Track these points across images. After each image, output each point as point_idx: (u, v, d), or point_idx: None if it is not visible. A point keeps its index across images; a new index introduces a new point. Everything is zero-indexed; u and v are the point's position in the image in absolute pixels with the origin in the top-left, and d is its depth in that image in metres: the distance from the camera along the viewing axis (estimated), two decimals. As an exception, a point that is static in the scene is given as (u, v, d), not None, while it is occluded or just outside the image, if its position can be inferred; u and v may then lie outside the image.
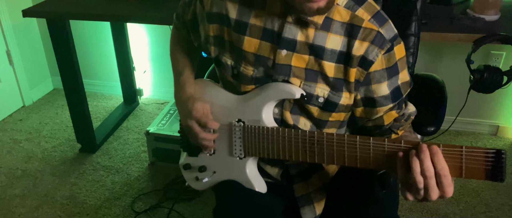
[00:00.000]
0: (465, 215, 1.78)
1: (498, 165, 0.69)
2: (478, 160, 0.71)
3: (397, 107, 0.93)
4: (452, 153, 0.72)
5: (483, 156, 0.70)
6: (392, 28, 0.87)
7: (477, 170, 0.71)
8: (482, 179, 0.71)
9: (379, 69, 0.87)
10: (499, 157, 0.69)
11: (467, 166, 0.72)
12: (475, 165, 0.71)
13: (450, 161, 0.72)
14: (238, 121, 0.97)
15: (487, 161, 0.70)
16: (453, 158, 0.72)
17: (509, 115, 2.30)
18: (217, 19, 0.92)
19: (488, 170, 0.70)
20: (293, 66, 0.88)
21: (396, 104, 0.92)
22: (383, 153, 0.79)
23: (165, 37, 2.44)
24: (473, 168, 0.71)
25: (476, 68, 1.54)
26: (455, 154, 0.72)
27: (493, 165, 0.70)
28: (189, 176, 1.11)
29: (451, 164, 0.72)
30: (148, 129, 1.99)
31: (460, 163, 0.72)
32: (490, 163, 0.70)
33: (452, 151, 0.72)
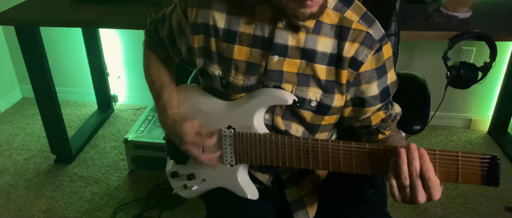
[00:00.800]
0: (445, 207, 1.83)
1: (493, 170, 0.71)
2: (474, 165, 0.72)
3: (385, 108, 0.94)
4: (448, 158, 0.73)
5: (478, 161, 0.71)
6: (380, 28, 0.87)
7: (473, 175, 0.72)
8: (477, 184, 0.72)
9: (369, 70, 0.88)
10: (494, 162, 0.71)
11: (463, 171, 0.72)
12: (471, 170, 0.72)
13: (446, 166, 0.73)
14: (228, 127, 0.95)
15: (483, 166, 0.71)
16: (449, 163, 0.73)
17: (481, 108, 2.38)
18: (203, 30, 0.90)
19: (484, 175, 0.71)
20: (285, 71, 0.88)
21: (384, 105, 0.93)
22: (378, 157, 0.79)
23: (139, 41, 2.38)
24: (469, 173, 0.72)
25: (452, 65, 1.58)
26: (451, 159, 0.73)
27: (488, 170, 0.71)
28: (177, 184, 1.08)
29: (447, 169, 0.73)
30: (126, 137, 1.94)
31: (456, 168, 0.73)
32: (486, 168, 0.71)
33: (448, 156, 0.73)
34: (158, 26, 1.01)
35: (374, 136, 0.98)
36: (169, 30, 0.98)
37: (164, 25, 0.99)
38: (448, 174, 0.73)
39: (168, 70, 1.05)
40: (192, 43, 0.93)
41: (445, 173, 0.73)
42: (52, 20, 1.81)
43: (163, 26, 0.99)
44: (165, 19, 0.99)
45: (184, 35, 0.94)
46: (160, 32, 1.01)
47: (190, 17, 0.91)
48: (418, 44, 2.21)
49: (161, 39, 1.01)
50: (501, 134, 2.32)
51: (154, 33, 1.03)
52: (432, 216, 1.79)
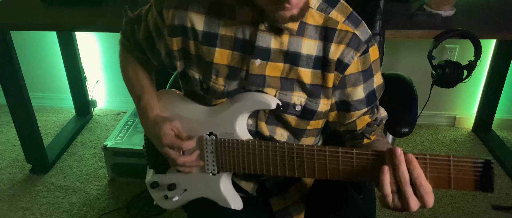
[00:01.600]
0: (432, 207, 1.81)
1: (487, 175, 0.67)
2: (466, 171, 0.68)
3: (370, 112, 0.90)
4: (439, 163, 0.69)
5: (471, 166, 0.68)
6: (367, 30, 0.84)
7: (466, 180, 0.68)
8: (471, 190, 0.68)
9: (355, 73, 0.84)
10: (487, 167, 0.67)
11: (456, 177, 0.69)
12: (464, 176, 0.68)
13: (438, 171, 0.69)
14: (209, 134, 0.90)
15: (476, 171, 0.68)
16: (441, 169, 0.69)
17: (465, 106, 2.38)
18: (180, 32, 0.85)
19: (477, 180, 0.68)
20: (267, 76, 0.83)
21: (369, 109, 0.89)
22: (366, 163, 0.75)
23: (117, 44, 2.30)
24: (461, 179, 0.69)
25: (437, 64, 1.56)
26: (443, 164, 0.69)
27: (482, 175, 0.67)
28: (157, 195, 1.03)
29: (439, 175, 0.69)
30: (105, 143, 1.86)
31: (448, 174, 0.69)
32: (479, 173, 0.67)
33: (439, 161, 0.69)
34: (134, 26, 0.95)
35: (359, 141, 0.94)
36: (146, 32, 0.93)
37: (140, 26, 0.93)
38: (439, 180, 0.69)
39: (147, 73, 1.00)
40: (171, 46, 0.87)
41: (436, 179, 0.69)
42: (24, 24, 1.72)
43: (140, 27, 0.94)
44: (141, 19, 0.93)
45: (162, 37, 0.89)
46: (136, 33, 0.95)
47: (166, 19, 0.85)
48: (401, 43, 2.19)
49: (138, 41, 0.96)
50: (486, 131, 2.33)
51: (130, 34, 0.97)
52: (419, 217, 1.77)
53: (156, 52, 0.93)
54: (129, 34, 0.98)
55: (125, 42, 1.01)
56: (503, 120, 2.36)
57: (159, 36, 0.90)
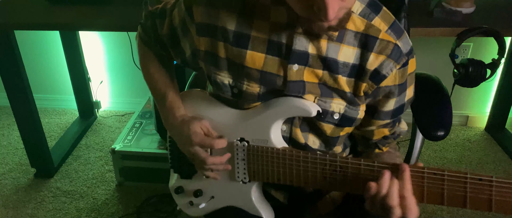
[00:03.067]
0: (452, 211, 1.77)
1: None
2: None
3: (391, 125, 0.86)
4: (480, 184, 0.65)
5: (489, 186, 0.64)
6: (408, 41, 0.78)
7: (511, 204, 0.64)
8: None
9: (391, 85, 0.79)
10: None
11: (498, 199, 0.65)
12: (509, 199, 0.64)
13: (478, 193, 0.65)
14: (240, 140, 0.84)
15: None
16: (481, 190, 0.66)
17: (477, 104, 2.34)
18: (210, 32, 0.79)
19: None
20: (306, 82, 0.78)
21: (391, 122, 0.85)
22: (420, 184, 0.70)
23: (122, 43, 2.25)
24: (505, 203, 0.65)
25: (459, 62, 1.51)
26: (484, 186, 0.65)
27: None
28: (182, 201, 0.98)
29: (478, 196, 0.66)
30: (113, 147, 1.80)
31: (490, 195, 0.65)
32: None
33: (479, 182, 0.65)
34: (156, 21, 0.89)
35: (370, 149, 0.91)
36: (170, 28, 0.86)
37: (164, 21, 0.87)
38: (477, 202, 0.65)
39: (168, 71, 0.94)
40: (198, 46, 0.82)
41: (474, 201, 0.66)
42: (27, 23, 1.65)
43: (163, 22, 0.87)
44: (165, 14, 0.87)
45: (188, 35, 0.83)
46: (158, 28, 0.89)
47: (195, 15, 0.80)
48: (418, 41, 2.14)
49: (160, 36, 0.89)
50: (499, 130, 2.29)
51: (151, 29, 0.91)
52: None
53: (179, 50, 0.88)
54: (150, 28, 0.92)
55: (144, 37, 0.94)
56: (516, 118, 2.32)
57: (185, 33, 0.84)
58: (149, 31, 0.92)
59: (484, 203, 0.66)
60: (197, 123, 0.84)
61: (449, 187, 0.67)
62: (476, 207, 0.66)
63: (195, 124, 0.84)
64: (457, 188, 0.67)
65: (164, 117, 0.91)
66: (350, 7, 0.68)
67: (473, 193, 0.66)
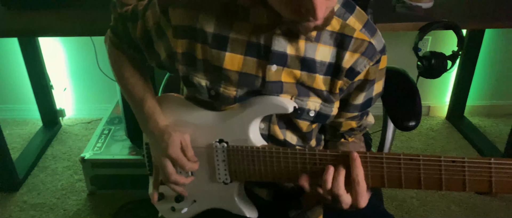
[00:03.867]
0: (421, 197, 1.84)
1: None
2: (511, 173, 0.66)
3: (359, 118, 0.90)
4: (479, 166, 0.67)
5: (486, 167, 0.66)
6: (381, 39, 0.81)
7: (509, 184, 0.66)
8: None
9: (363, 79, 0.82)
10: None
11: (498, 180, 0.66)
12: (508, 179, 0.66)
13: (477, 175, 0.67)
14: (219, 141, 0.85)
15: None
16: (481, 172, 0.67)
17: (437, 95, 2.44)
18: (187, 34, 0.79)
19: None
20: (284, 82, 0.79)
21: (359, 115, 0.88)
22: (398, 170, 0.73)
23: (85, 48, 2.18)
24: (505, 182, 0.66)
25: (422, 55, 1.57)
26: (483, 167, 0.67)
27: None
28: (163, 207, 0.96)
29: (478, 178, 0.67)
30: (83, 155, 1.75)
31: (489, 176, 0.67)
32: None
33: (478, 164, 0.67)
34: (128, 24, 0.87)
35: (336, 139, 0.94)
36: (143, 31, 0.85)
37: (136, 24, 0.86)
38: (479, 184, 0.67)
39: (143, 74, 0.93)
40: (174, 48, 0.81)
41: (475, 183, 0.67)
42: (-16, 31, 1.58)
43: (135, 25, 0.86)
44: (138, 17, 0.85)
45: (164, 38, 0.82)
46: (131, 31, 0.87)
47: (172, 18, 0.79)
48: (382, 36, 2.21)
49: (133, 39, 0.88)
50: (459, 118, 2.40)
51: (123, 32, 0.89)
52: (409, 206, 1.80)
53: (154, 53, 0.86)
54: (121, 32, 0.90)
55: (115, 40, 0.92)
56: (474, 106, 2.45)
57: (160, 36, 0.83)
58: (121, 35, 0.90)
59: (458, 184, 0.69)
60: (178, 134, 0.83)
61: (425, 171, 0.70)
62: (451, 188, 0.69)
63: (177, 135, 0.82)
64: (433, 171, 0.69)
65: (142, 121, 0.89)
66: (333, 5, 0.69)
67: (448, 175, 0.69)
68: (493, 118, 2.44)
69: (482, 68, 2.33)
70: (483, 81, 2.39)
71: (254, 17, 0.76)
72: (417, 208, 1.79)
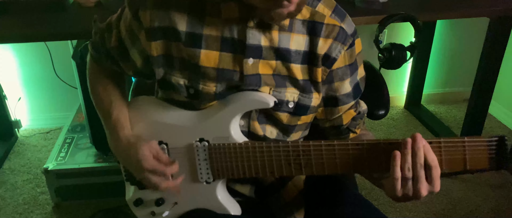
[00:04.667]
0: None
1: (502, 152, 0.69)
2: (482, 150, 0.70)
3: (355, 106, 0.92)
4: (455, 146, 0.71)
5: (486, 145, 0.70)
6: (351, 22, 0.84)
7: (481, 159, 0.70)
8: (485, 168, 0.70)
9: (342, 67, 0.84)
10: (502, 144, 0.69)
11: (471, 156, 0.70)
12: (479, 155, 0.70)
13: (452, 154, 0.71)
14: (200, 140, 0.84)
15: (491, 150, 0.70)
16: (456, 151, 0.71)
17: (395, 85, 2.55)
18: (161, 35, 0.78)
19: (493, 158, 0.70)
20: (262, 74, 0.80)
21: (355, 103, 0.90)
22: (377, 153, 0.75)
23: (39, 55, 2.09)
24: (477, 158, 0.70)
25: (383, 47, 1.63)
26: (458, 147, 0.70)
27: (497, 152, 0.69)
28: (143, 212, 0.94)
29: (454, 157, 0.71)
30: (45, 166, 1.67)
31: (464, 155, 0.71)
32: (494, 151, 0.69)
33: (454, 144, 0.71)
34: (105, 35, 0.86)
35: (344, 136, 0.95)
36: (118, 40, 0.84)
37: (111, 34, 0.85)
38: (455, 163, 0.71)
39: (117, 86, 0.91)
40: (149, 52, 0.80)
41: (452, 162, 0.71)
42: None
43: (110, 35, 0.85)
44: (112, 27, 0.85)
45: (137, 44, 0.81)
46: (107, 42, 0.86)
47: (144, 21, 0.78)
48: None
49: (109, 50, 0.86)
50: (416, 107, 2.52)
51: (100, 44, 0.88)
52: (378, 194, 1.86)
53: (130, 61, 0.85)
54: (99, 44, 0.89)
55: (94, 54, 0.92)
56: (430, 94, 2.57)
57: (134, 42, 0.82)
58: (99, 47, 0.89)
59: None
60: (145, 145, 0.81)
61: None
62: None
63: (144, 146, 0.81)
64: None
65: (108, 137, 0.88)
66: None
67: None
68: (448, 104, 2.58)
69: (435, 58, 2.46)
70: (437, 70, 2.51)
71: (225, 12, 0.76)
72: (385, 195, 1.85)
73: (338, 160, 0.77)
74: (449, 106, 2.57)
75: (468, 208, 1.79)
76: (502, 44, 1.84)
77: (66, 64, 2.08)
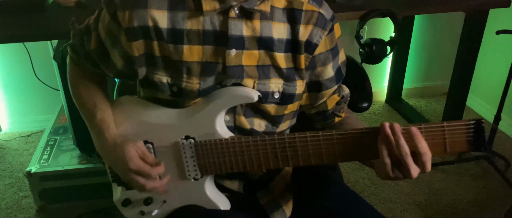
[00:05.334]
0: (372, 177, 1.95)
1: (479, 134, 0.72)
2: (460, 133, 0.73)
3: (338, 90, 0.93)
4: (435, 131, 0.73)
5: (464, 128, 0.73)
6: (329, 8, 0.86)
7: (460, 142, 0.73)
8: (464, 150, 0.74)
9: (324, 52, 0.85)
10: (479, 127, 0.72)
11: (451, 140, 0.73)
12: (458, 138, 0.73)
13: (433, 138, 0.73)
14: (186, 138, 0.84)
15: (469, 132, 0.73)
16: (436, 136, 0.73)
17: (377, 80, 2.59)
18: (142, 35, 0.78)
19: (470, 141, 0.73)
20: (245, 66, 0.81)
21: (338, 87, 0.92)
22: (362, 141, 0.77)
23: (18, 57, 2.05)
24: (456, 142, 0.73)
25: (364, 42, 1.66)
26: (438, 131, 0.73)
27: (474, 135, 0.72)
28: (132, 212, 0.94)
29: (435, 141, 0.73)
30: (28, 169, 1.65)
31: (443, 139, 0.73)
32: (472, 134, 0.72)
33: (434, 129, 0.73)
34: (84, 38, 0.86)
35: (330, 121, 0.96)
36: (98, 42, 0.84)
37: (90, 37, 0.84)
38: (436, 146, 0.74)
39: (100, 87, 0.91)
40: (130, 52, 0.80)
41: (432, 146, 0.73)
42: None
43: (90, 38, 0.85)
44: (91, 29, 0.84)
45: (118, 45, 0.81)
46: (86, 45, 0.86)
47: (122, 21, 0.78)
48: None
49: (89, 53, 0.86)
50: (397, 101, 2.57)
51: (80, 47, 0.88)
52: (362, 186, 1.90)
53: (110, 63, 0.85)
54: (78, 47, 0.88)
55: (74, 57, 0.91)
56: (410, 89, 2.63)
57: (114, 43, 0.82)
58: (79, 50, 0.89)
59: None
60: (131, 145, 0.81)
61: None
62: None
63: (129, 147, 0.81)
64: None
65: (94, 139, 0.87)
66: None
67: None
68: (427, 98, 2.64)
69: (415, 53, 2.51)
70: (416, 65, 2.57)
71: (206, 5, 0.77)
72: (369, 187, 1.89)
73: (323, 150, 0.79)
74: (429, 100, 2.63)
75: (449, 198, 1.84)
76: (478, 38, 1.90)
77: (46, 65, 2.06)
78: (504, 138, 2.25)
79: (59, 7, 1.68)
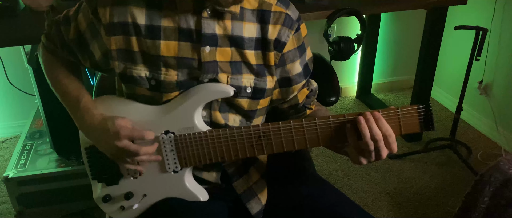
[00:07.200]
0: (344, 169, 2.03)
1: (428, 117, 0.82)
2: (412, 116, 0.82)
3: (307, 84, 1.00)
4: (391, 115, 0.82)
5: (415, 112, 0.82)
6: (295, 9, 0.93)
7: (412, 124, 0.82)
8: (417, 131, 0.83)
9: (292, 49, 0.92)
10: (427, 110, 0.81)
11: (404, 123, 0.82)
12: (410, 121, 0.82)
13: (390, 122, 0.81)
14: (165, 132, 0.89)
15: (419, 115, 0.82)
16: (392, 119, 0.82)
17: (347, 77, 2.69)
18: (121, 30, 0.84)
19: (421, 122, 0.82)
20: (218, 61, 0.87)
21: (306, 82, 0.99)
22: (329, 129, 0.84)
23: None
24: (409, 124, 0.82)
25: (332, 40, 1.75)
26: (393, 115, 0.82)
27: (424, 117, 0.82)
28: (112, 208, 0.97)
29: (391, 124, 0.81)
30: (6, 174, 1.65)
31: (398, 122, 0.82)
32: (422, 116, 0.82)
33: (390, 113, 0.82)
34: (61, 28, 0.91)
35: (302, 113, 1.03)
36: (77, 33, 0.89)
37: (70, 27, 0.89)
38: (392, 129, 0.81)
39: (78, 76, 0.96)
40: (108, 46, 0.85)
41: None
42: None
43: (68, 28, 0.90)
44: (70, 20, 0.89)
45: (98, 37, 0.86)
46: (64, 35, 0.91)
47: (103, 17, 0.83)
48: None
49: (67, 42, 0.91)
50: (367, 95, 2.67)
51: (57, 36, 0.92)
52: (335, 178, 1.98)
53: (88, 53, 0.90)
54: (55, 36, 0.93)
55: (48, 45, 0.95)
56: (378, 84, 2.74)
57: (94, 36, 0.87)
58: (55, 39, 0.93)
59: None
60: (121, 118, 0.86)
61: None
62: None
63: (120, 118, 0.86)
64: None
65: (79, 120, 0.91)
66: None
67: None
68: (395, 92, 2.76)
69: (382, 50, 2.62)
70: (384, 61, 2.68)
71: (180, 6, 0.83)
72: (342, 179, 1.98)
73: (295, 138, 0.85)
74: (397, 93, 2.75)
75: (417, 186, 1.94)
76: (439, 33, 2.01)
77: (20, 70, 2.05)
78: (466, 127, 2.39)
79: (32, 12, 1.69)
